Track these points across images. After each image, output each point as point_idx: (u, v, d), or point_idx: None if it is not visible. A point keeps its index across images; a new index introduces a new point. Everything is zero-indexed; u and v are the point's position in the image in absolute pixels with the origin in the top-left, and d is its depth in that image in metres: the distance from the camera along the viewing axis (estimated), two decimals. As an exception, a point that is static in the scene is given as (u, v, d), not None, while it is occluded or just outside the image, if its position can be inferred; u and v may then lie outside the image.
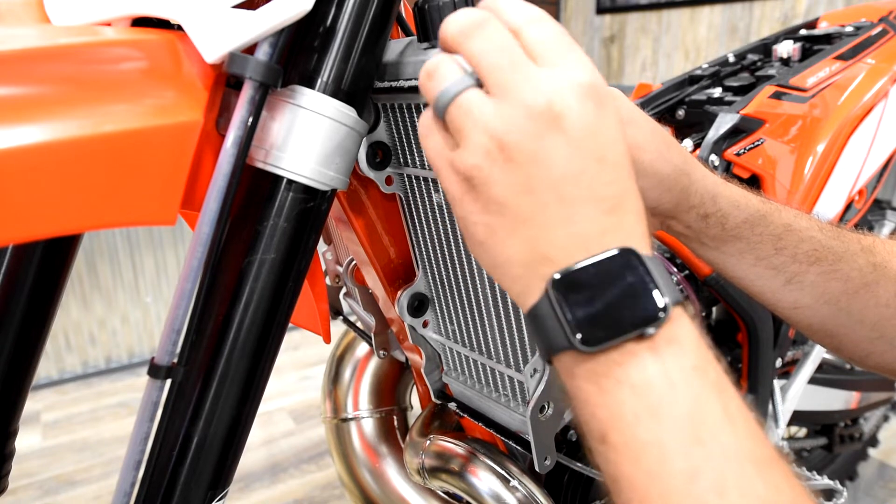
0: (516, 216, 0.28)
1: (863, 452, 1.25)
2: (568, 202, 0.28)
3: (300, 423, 1.64)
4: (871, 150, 0.81)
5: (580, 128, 0.28)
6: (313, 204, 0.37)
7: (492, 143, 0.28)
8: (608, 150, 0.28)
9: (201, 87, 0.34)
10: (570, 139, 0.28)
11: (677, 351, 0.27)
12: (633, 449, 0.26)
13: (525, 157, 0.28)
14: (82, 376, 1.91)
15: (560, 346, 0.27)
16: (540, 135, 0.28)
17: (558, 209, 0.28)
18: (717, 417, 0.26)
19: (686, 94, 0.80)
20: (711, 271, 0.67)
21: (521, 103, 0.28)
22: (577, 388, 0.28)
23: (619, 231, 0.28)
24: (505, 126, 0.28)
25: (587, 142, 0.28)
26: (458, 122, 0.29)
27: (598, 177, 0.28)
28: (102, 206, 0.31)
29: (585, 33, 2.65)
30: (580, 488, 0.61)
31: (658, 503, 0.25)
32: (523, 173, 0.28)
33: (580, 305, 0.27)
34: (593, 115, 0.28)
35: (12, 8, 0.37)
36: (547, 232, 0.28)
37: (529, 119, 0.28)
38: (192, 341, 0.35)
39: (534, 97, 0.28)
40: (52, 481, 1.42)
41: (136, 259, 1.93)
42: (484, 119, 0.28)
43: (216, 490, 0.38)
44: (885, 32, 0.91)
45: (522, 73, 0.28)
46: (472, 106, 0.29)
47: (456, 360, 0.54)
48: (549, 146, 0.28)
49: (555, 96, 0.28)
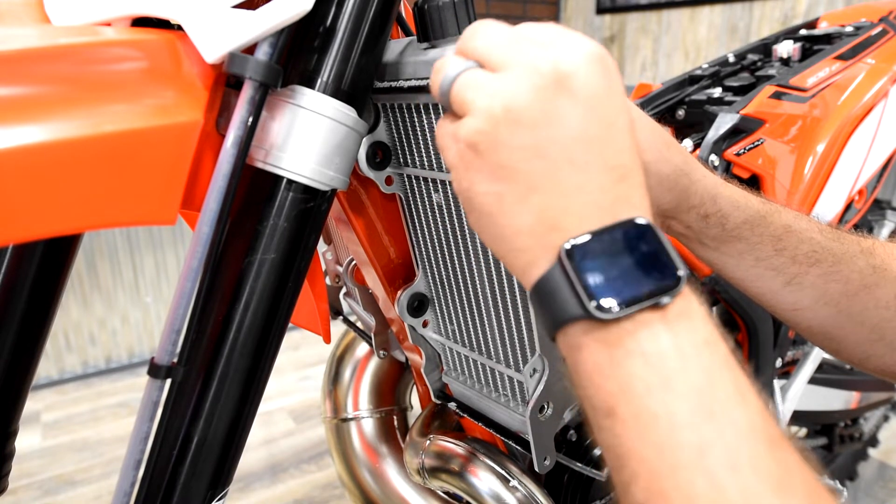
0: (527, 182, 0.28)
1: (863, 452, 1.25)
2: (580, 167, 0.27)
3: (300, 423, 1.64)
4: (871, 149, 0.81)
5: (590, 89, 0.27)
6: (313, 204, 0.37)
7: (497, 105, 0.28)
8: (617, 117, 0.28)
9: (201, 87, 0.34)
10: (579, 100, 0.27)
11: (689, 325, 0.26)
12: (642, 421, 0.25)
13: (534, 119, 0.27)
14: (82, 376, 1.91)
15: (572, 315, 0.27)
16: (548, 96, 0.27)
17: (572, 174, 0.27)
18: (728, 392, 0.25)
19: (686, 94, 0.80)
20: (711, 271, 0.67)
21: (526, 67, 0.27)
22: (583, 361, 0.27)
23: (630, 201, 0.28)
24: (510, 89, 0.27)
25: (597, 105, 0.27)
26: (460, 97, 0.29)
27: (610, 143, 0.28)
28: (102, 206, 0.31)
29: (585, 33, 2.62)
30: (580, 488, 0.61)
31: (667, 477, 0.24)
32: (533, 136, 0.27)
33: (595, 272, 0.26)
34: (602, 78, 0.28)
35: (12, 8, 0.37)
36: (560, 199, 0.27)
37: (537, 80, 0.27)
38: (192, 341, 0.35)
39: (540, 61, 0.27)
40: (52, 481, 1.42)
41: (136, 259, 1.93)
42: (487, 85, 0.28)
43: (216, 490, 0.38)
44: (885, 32, 0.91)
45: (527, 48, 0.28)
46: (474, 79, 0.29)
47: (456, 360, 0.54)
48: (561, 107, 0.27)
49: (562, 59, 0.27)
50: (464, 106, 0.29)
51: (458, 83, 0.30)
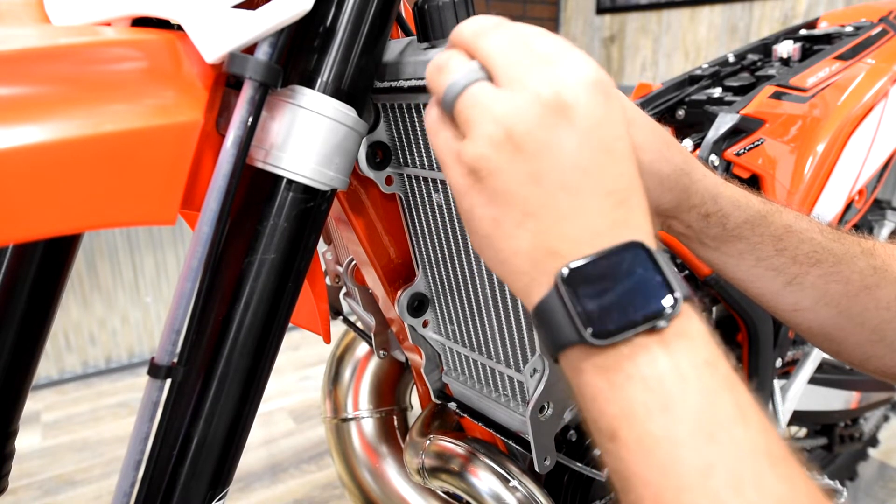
0: (524, 207, 0.28)
1: (863, 452, 1.25)
2: (577, 194, 0.28)
3: (300, 423, 1.64)
4: (871, 149, 0.81)
5: (589, 119, 0.28)
6: (313, 204, 0.37)
7: (500, 133, 0.28)
8: (616, 143, 0.29)
9: (201, 87, 0.34)
10: (578, 130, 0.28)
11: (688, 345, 0.27)
12: (644, 445, 0.26)
13: (533, 147, 0.28)
14: (82, 376, 1.91)
15: (569, 340, 0.27)
16: (549, 125, 0.28)
17: (567, 201, 0.28)
18: (729, 412, 0.26)
19: (686, 94, 0.80)
20: (711, 271, 0.67)
21: (530, 93, 0.28)
22: (585, 385, 0.28)
23: (628, 225, 0.28)
24: (514, 115, 0.28)
25: (596, 133, 0.28)
26: (465, 114, 0.30)
27: (608, 169, 0.28)
28: (102, 206, 0.31)
29: (585, 33, 2.65)
30: (580, 488, 0.61)
31: (672, 499, 0.25)
32: (532, 163, 0.28)
33: (590, 298, 0.26)
34: (601, 107, 0.28)
35: (12, 8, 0.37)
36: (555, 224, 0.28)
37: (539, 109, 0.28)
38: (192, 341, 0.35)
39: (543, 87, 0.28)
40: (52, 481, 1.42)
41: (136, 259, 1.93)
42: (493, 109, 0.29)
43: (216, 490, 0.38)
44: (885, 32, 0.91)
45: (533, 67, 0.29)
46: (482, 96, 0.29)
47: (456, 360, 0.54)
48: (559, 136, 0.28)
49: (564, 88, 0.28)
50: (468, 124, 0.30)
51: (464, 97, 0.30)
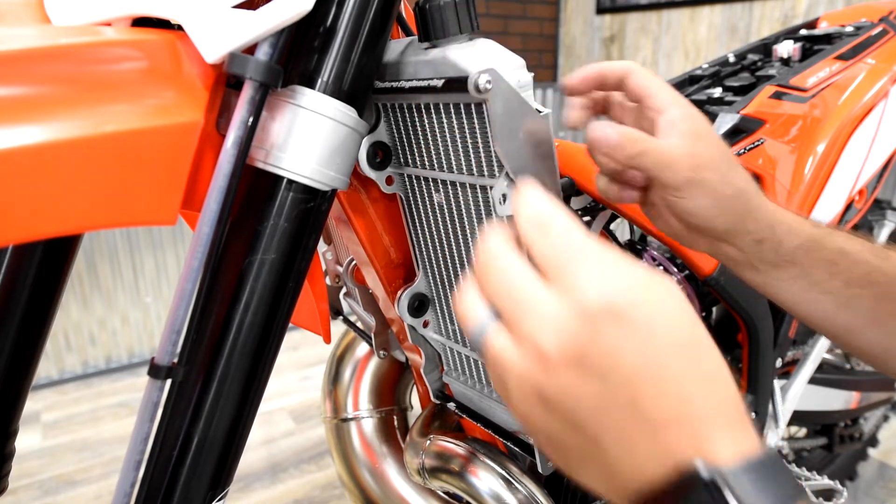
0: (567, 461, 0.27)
1: (863, 452, 1.25)
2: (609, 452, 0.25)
3: (300, 423, 1.64)
4: (871, 149, 0.81)
5: (599, 369, 0.25)
6: (313, 204, 0.37)
7: (528, 389, 0.26)
8: (640, 391, 0.25)
9: (201, 87, 0.34)
10: (598, 389, 0.25)
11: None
12: None
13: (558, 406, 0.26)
14: (82, 376, 1.91)
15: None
16: (571, 381, 0.25)
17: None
18: None
19: (686, 94, 0.80)
20: (711, 271, 0.67)
21: (538, 351, 0.26)
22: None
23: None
24: (530, 376, 0.26)
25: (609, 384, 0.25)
26: (491, 367, 0.28)
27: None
28: (102, 206, 0.31)
29: (585, 33, 2.65)
30: (580, 489, 0.61)
31: None
32: (560, 420, 0.26)
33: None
34: (612, 353, 0.25)
35: (12, 8, 0.37)
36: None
37: (556, 370, 0.25)
38: (192, 341, 0.35)
39: (549, 341, 0.25)
40: (52, 481, 1.42)
41: (136, 259, 1.93)
42: (511, 367, 0.27)
43: (216, 490, 0.38)
44: (885, 32, 0.91)
45: (529, 313, 0.26)
46: (500, 353, 0.27)
47: (456, 360, 0.54)
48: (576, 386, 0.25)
49: (571, 345, 0.25)
50: (498, 381, 0.28)
51: (486, 348, 0.28)
